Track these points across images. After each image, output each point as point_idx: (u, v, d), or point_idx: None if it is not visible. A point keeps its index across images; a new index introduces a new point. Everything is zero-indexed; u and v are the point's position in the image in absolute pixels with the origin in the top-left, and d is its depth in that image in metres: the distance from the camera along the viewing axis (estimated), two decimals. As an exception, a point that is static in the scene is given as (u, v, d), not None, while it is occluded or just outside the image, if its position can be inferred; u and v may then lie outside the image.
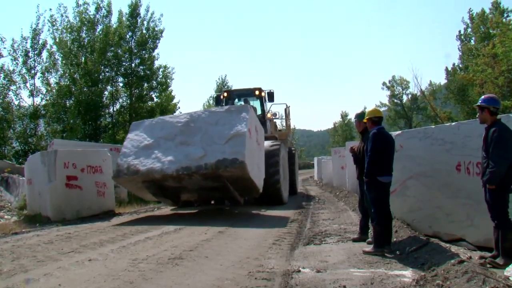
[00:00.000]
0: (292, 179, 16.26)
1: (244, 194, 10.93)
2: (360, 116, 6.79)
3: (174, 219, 10.28)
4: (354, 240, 6.63)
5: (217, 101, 16.91)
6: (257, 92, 15.95)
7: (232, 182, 9.66)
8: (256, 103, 16.22)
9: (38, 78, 26.18)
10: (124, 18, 27.91)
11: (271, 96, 15.92)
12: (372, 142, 5.78)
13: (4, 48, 25.00)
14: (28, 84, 26.07)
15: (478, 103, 4.96)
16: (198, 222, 9.50)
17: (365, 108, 45.87)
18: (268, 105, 16.66)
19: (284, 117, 18.60)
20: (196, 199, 11.57)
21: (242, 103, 15.50)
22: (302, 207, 12.31)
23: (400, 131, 8.22)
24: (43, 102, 26.31)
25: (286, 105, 18.05)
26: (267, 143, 12.59)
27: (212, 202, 13.43)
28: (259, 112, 15.91)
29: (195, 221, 9.70)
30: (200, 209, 12.29)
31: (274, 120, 17.62)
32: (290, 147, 17.71)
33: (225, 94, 16.58)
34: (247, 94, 16.36)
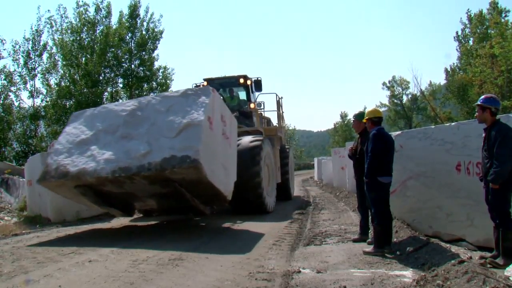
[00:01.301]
0: (285, 182, 14.17)
1: (209, 203, 8.64)
2: (358, 116, 6.78)
3: (124, 235, 8.39)
4: (355, 241, 6.63)
5: None
6: (241, 80, 13.49)
7: (188, 187, 7.44)
8: (242, 94, 14.22)
9: (39, 79, 26.23)
10: (124, 19, 27.94)
11: (258, 84, 13.61)
12: (372, 142, 5.79)
13: (4, 49, 25.04)
14: (28, 85, 26.12)
15: (480, 103, 4.94)
16: (148, 240, 7.38)
17: (365, 108, 45.87)
18: (257, 96, 14.20)
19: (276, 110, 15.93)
20: (156, 208, 9.25)
21: (228, 95, 13.76)
22: (291, 218, 9.96)
23: (400, 131, 8.22)
24: (43, 103, 26.35)
25: (277, 96, 15.07)
26: (247, 139, 10.67)
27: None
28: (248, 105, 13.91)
29: (144, 239, 7.65)
30: (160, 221, 10.12)
31: (262, 112, 14.86)
32: (283, 144, 15.48)
33: (205, 83, 13.80)
34: (230, 82, 13.98)
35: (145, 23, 28.52)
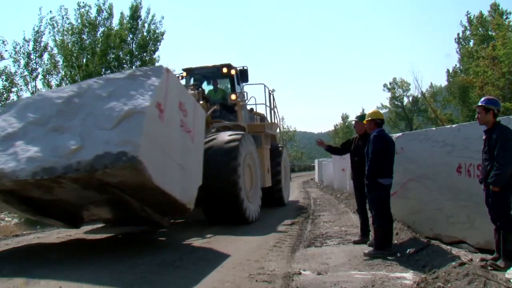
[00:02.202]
0: (276, 185, 12.52)
1: (166, 213, 7.02)
2: (361, 117, 6.79)
3: (61, 251, 6.83)
4: (355, 243, 6.63)
5: None
6: (224, 70, 11.80)
7: (133, 193, 6.04)
8: (227, 86, 12.81)
9: (40, 80, 26.24)
10: (125, 21, 27.97)
11: (244, 74, 12.09)
12: (373, 144, 5.79)
13: (6, 50, 25.07)
14: (29, 86, 26.13)
15: (483, 104, 4.93)
16: (78, 264, 5.73)
17: (363, 109, 45.90)
18: (242, 87, 12.68)
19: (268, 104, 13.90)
20: (110, 218, 7.96)
21: (212, 87, 12.33)
22: (277, 231, 8.33)
23: (400, 133, 8.22)
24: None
25: (265, 87, 13.04)
26: (223, 135, 9.13)
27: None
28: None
29: (77, 260, 6.00)
30: (117, 233, 8.43)
31: (253, 108, 13.49)
32: (275, 143, 13.75)
33: (184, 73, 12.38)
34: (212, 73, 12.45)
35: (146, 25, 28.54)
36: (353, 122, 7.08)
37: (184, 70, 12.51)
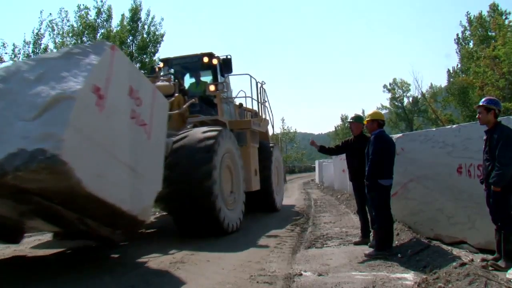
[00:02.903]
0: (266, 189, 11.25)
1: (116, 225, 5.63)
2: (358, 118, 6.85)
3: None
4: (356, 243, 6.62)
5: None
6: (205, 60, 10.47)
7: (63, 201, 4.79)
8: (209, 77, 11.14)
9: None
10: (125, 22, 28.01)
11: (227, 64, 10.74)
12: (374, 145, 5.79)
13: (6, 53, 25.09)
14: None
15: (484, 104, 4.91)
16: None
17: (363, 111, 45.93)
18: (225, 78, 11.17)
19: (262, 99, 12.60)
20: (56, 231, 6.82)
21: (194, 80, 11.09)
22: (259, 246, 6.95)
23: (401, 134, 8.22)
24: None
25: (251, 77, 11.40)
26: (197, 131, 7.86)
27: None
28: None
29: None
30: (67, 248, 7.00)
31: (242, 103, 12.09)
32: (266, 142, 12.37)
33: (161, 64, 11.17)
34: (193, 63, 11.11)
35: (146, 26, 28.60)
36: (349, 123, 7.10)
37: (161, 60, 11.51)
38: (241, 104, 12.01)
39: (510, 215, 4.66)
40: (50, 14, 27.07)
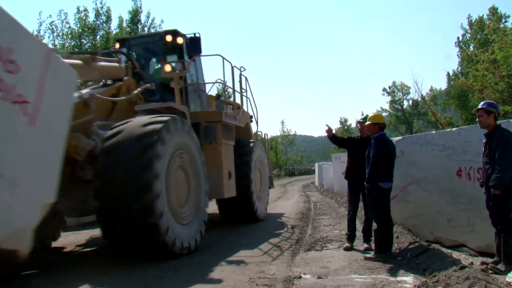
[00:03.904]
0: (245, 194, 9.47)
1: None
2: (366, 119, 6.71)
3: None
4: (346, 249, 6.46)
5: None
6: (168, 38, 8.77)
7: None
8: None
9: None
10: (124, 24, 28.04)
11: (195, 44, 8.78)
12: (375, 147, 5.80)
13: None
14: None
15: (485, 107, 4.91)
16: None
17: (362, 113, 45.97)
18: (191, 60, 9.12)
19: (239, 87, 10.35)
20: None
21: (159, 65, 9.15)
22: (204, 280, 5.06)
23: (401, 137, 8.23)
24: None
25: (224, 59, 9.24)
26: (136, 123, 6.00)
27: None
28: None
29: None
30: None
31: (198, 86, 9.76)
32: (245, 139, 10.43)
33: (117, 45, 9.45)
34: (154, 43, 9.47)
35: (146, 28, 28.63)
36: (358, 124, 6.99)
37: (117, 40, 9.98)
38: (218, 96, 10.21)
39: (510, 218, 4.66)
40: (50, 15, 27.02)
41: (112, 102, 7.14)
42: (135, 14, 28.38)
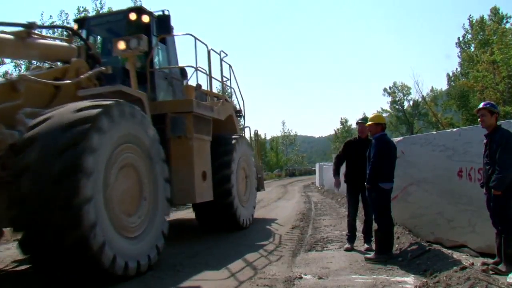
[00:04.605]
0: (225, 198, 8.25)
1: None
2: (366, 119, 6.68)
3: None
4: (347, 250, 6.47)
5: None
6: (132, 17, 7.69)
7: None
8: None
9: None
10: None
11: (163, 23, 7.74)
12: (375, 148, 5.79)
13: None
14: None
15: (488, 107, 4.89)
16: None
17: (363, 113, 45.93)
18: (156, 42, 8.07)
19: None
20: None
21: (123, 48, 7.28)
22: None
23: (401, 137, 8.22)
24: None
25: (196, 39, 8.09)
26: (67, 109, 4.85)
27: None
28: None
29: None
30: None
31: (169, 72, 8.58)
32: (227, 134, 9.19)
33: (75, 26, 8.22)
34: (117, 22, 8.27)
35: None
36: (357, 124, 6.97)
37: (76, 21, 8.84)
38: (199, 86, 8.66)
39: (510, 219, 4.65)
40: (51, 16, 27.08)
41: (54, 87, 5.83)
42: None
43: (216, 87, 10.81)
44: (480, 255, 5.53)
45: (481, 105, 5.00)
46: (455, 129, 6.67)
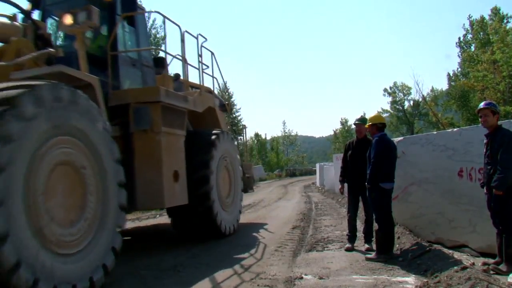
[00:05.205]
0: (203, 202, 7.30)
1: None
2: (363, 120, 6.71)
3: None
4: (347, 250, 6.47)
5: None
6: None
7: None
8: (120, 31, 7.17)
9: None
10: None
11: (129, 1, 7.17)
12: (375, 148, 5.79)
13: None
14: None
15: (490, 107, 4.87)
16: None
17: (364, 114, 45.95)
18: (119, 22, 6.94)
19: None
20: None
21: (91, 33, 6.82)
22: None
23: (402, 137, 8.21)
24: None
25: (165, 18, 7.56)
26: None
27: None
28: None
29: None
30: None
31: (137, 58, 7.39)
32: (205, 130, 8.27)
33: (29, 6, 6.68)
34: (78, 2, 6.41)
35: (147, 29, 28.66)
36: (355, 125, 6.98)
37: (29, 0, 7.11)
38: (178, 76, 8.08)
39: (511, 218, 4.65)
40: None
41: None
42: (136, 15, 28.40)
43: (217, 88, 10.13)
44: (481, 255, 5.52)
45: (482, 105, 4.98)
46: (455, 129, 6.66)
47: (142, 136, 6.35)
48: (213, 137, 7.87)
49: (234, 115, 45.60)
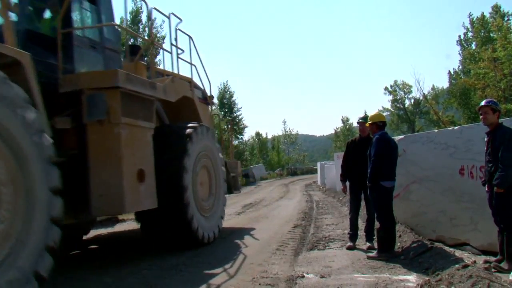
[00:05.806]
0: (174, 204, 6.34)
1: None
2: (366, 118, 6.68)
3: None
4: (349, 248, 6.47)
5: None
6: None
7: None
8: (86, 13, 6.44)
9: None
10: (125, 25, 28.07)
11: None
12: (376, 147, 5.79)
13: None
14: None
15: (491, 104, 4.86)
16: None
17: (365, 112, 45.87)
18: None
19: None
20: None
21: (51, 15, 6.16)
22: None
23: (403, 136, 8.20)
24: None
25: (146, 5, 7.24)
26: None
27: None
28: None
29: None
30: None
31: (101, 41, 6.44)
32: (178, 124, 7.38)
33: None
34: None
35: (147, 29, 28.63)
36: (358, 124, 6.98)
37: None
38: (137, 47, 7.45)
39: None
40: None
41: None
42: (135, 15, 28.46)
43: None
44: (482, 253, 5.52)
45: (483, 103, 4.98)
46: (456, 127, 6.66)
47: (97, 128, 5.40)
48: (189, 130, 6.81)
49: (235, 114, 45.64)
